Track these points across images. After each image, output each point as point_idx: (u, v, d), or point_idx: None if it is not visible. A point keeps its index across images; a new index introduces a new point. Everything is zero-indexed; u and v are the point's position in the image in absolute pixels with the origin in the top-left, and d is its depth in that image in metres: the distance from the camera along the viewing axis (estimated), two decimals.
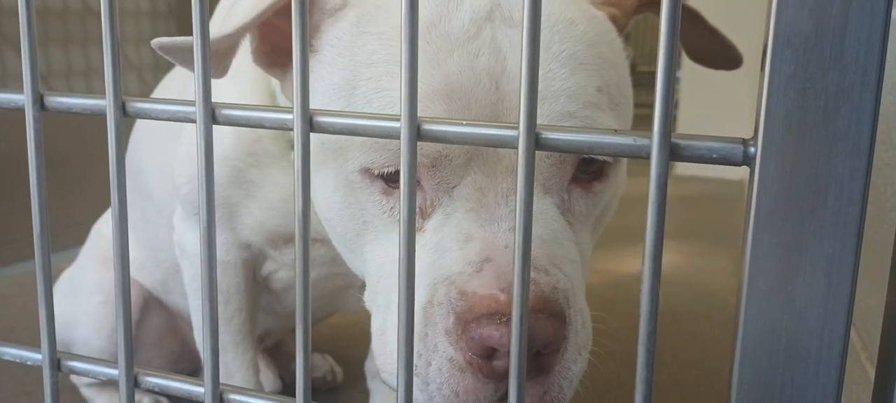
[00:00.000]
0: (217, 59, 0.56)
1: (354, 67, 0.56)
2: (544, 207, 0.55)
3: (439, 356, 0.50)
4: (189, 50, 0.51)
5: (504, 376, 0.48)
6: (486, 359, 0.48)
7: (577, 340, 0.51)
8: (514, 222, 0.51)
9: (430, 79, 0.52)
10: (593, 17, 0.60)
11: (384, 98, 0.54)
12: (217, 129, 0.41)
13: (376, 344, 0.58)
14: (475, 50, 0.53)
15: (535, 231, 0.52)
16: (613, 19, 0.62)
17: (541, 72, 0.34)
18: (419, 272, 0.53)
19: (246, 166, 0.73)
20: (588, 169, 0.57)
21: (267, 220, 0.75)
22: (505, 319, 0.47)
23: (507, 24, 0.55)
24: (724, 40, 0.67)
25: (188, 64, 0.53)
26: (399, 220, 0.55)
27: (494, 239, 0.51)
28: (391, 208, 0.56)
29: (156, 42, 0.53)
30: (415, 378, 0.52)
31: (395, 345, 0.54)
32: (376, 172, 0.55)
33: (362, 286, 0.62)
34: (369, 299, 0.60)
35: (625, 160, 0.62)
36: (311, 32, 0.59)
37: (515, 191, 0.52)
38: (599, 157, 0.56)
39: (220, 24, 0.70)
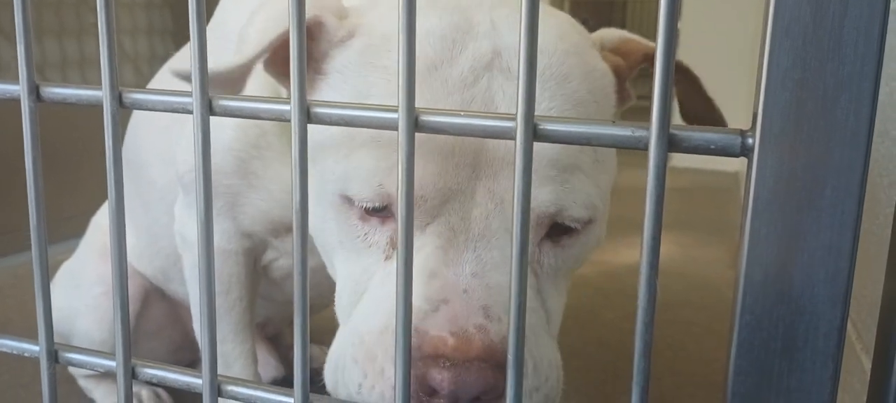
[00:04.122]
0: (231, 83, 0.57)
1: (355, 97, 0.58)
2: (509, 256, 0.56)
3: (384, 382, 0.51)
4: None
5: None
6: (428, 396, 0.49)
7: (528, 387, 0.53)
8: (477, 268, 0.53)
9: None
10: (589, 70, 0.60)
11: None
12: (221, 119, 0.41)
13: (329, 354, 0.59)
14: (469, 97, 0.55)
15: (494, 278, 0.53)
16: (617, 69, 0.63)
17: None
18: (382, 297, 0.55)
19: (250, 158, 0.73)
20: (559, 228, 0.58)
21: (269, 210, 0.76)
22: (448, 364, 0.48)
23: (504, 76, 0.56)
24: (715, 111, 0.67)
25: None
26: (372, 247, 0.57)
27: (456, 281, 0.52)
28: (365, 234, 0.57)
29: (173, 71, 0.54)
30: (355, 389, 0.53)
31: (343, 361, 0.55)
32: (357, 203, 0.56)
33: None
34: (336, 308, 0.62)
35: (602, 220, 0.62)
36: (321, 58, 0.60)
37: (484, 238, 0.54)
38: (572, 224, 0.57)
39: (217, 39, 0.70)
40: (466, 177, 0.54)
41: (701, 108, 0.69)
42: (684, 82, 0.66)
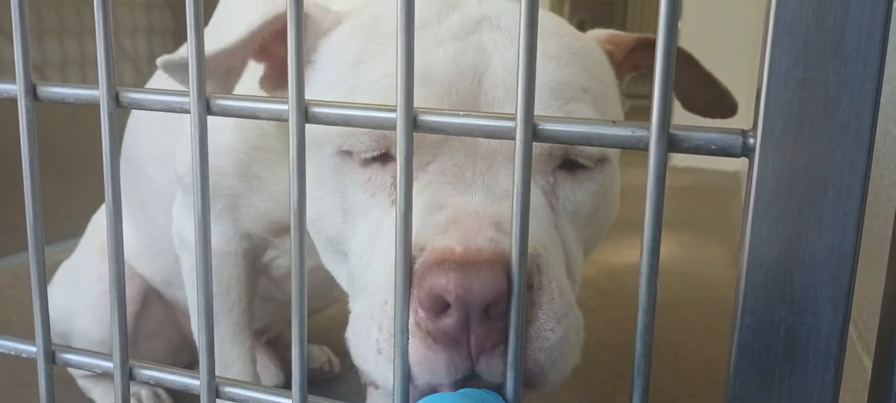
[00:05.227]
0: (218, 77, 0.57)
1: (344, 66, 0.58)
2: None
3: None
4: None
5: (456, 344, 0.45)
6: (436, 317, 0.45)
7: (552, 307, 0.48)
8: (486, 195, 0.51)
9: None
10: (581, 38, 0.61)
11: (368, 91, 0.56)
12: (222, 120, 0.41)
13: (349, 337, 0.56)
14: (461, 47, 0.54)
15: (506, 203, 0.51)
16: (609, 54, 0.64)
17: None
18: (390, 246, 0.51)
19: (251, 160, 0.73)
20: (573, 164, 0.57)
21: (270, 211, 0.76)
22: (454, 266, 0.44)
23: (494, 30, 0.56)
24: (719, 86, 0.67)
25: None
26: (375, 194, 0.55)
27: (465, 206, 0.50)
28: (368, 179, 0.56)
29: (160, 61, 0.54)
30: (375, 353, 0.50)
31: (360, 323, 0.52)
32: (355, 155, 0.56)
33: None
34: (351, 301, 0.60)
35: (615, 166, 0.62)
36: (308, 52, 0.61)
37: (491, 171, 0.52)
38: (584, 162, 0.56)
39: (215, 40, 0.70)
40: (468, 110, 0.53)
41: (701, 91, 0.68)
42: (678, 63, 0.65)
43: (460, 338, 0.45)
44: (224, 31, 0.76)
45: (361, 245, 0.57)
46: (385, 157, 0.56)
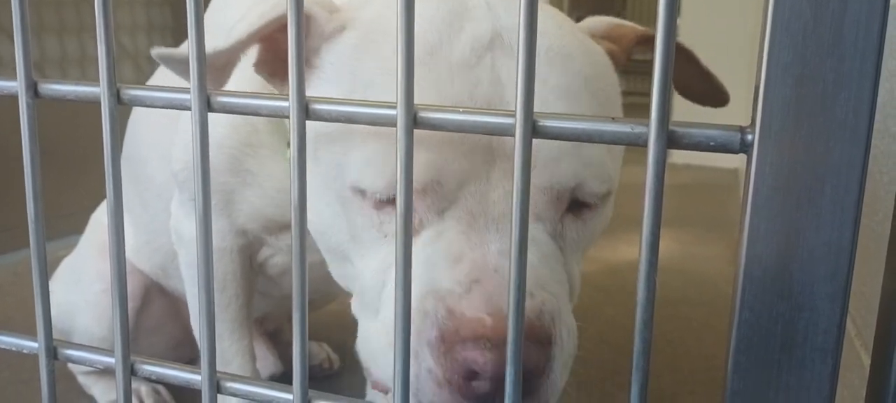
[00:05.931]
0: (215, 71, 0.57)
1: (354, 88, 0.57)
2: (535, 233, 0.55)
3: (419, 364, 0.50)
4: (187, 61, 0.52)
5: (483, 398, 0.48)
6: (466, 380, 0.48)
7: (562, 357, 0.52)
8: (503, 247, 0.52)
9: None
10: (590, 51, 0.61)
11: None
12: (215, 116, 0.41)
13: (362, 351, 0.58)
14: (475, 79, 0.54)
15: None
16: (611, 54, 0.64)
17: (535, 103, 0.35)
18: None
19: (243, 155, 0.73)
20: (578, 202, 0.58)
21: (264, 208, 0.76)
22: (489, 344, 0.47)
23: (507, 55, 0.55)
24: (715, 81, 0.68)
25: (186, 74, 0.54)
26: (388, 236, 0.56)
27: (484, 261, 0.52)
28: (381, 223, 0.57)
29: (155, 52, 0.54)
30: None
31: (378, 347, 0.55)
32: (370, 195, 0.55)
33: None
34: (356, 307, 0.61)
35: (615, 190, 0.63)
36: (311, 53, 0.60)
37: (506, 218, 0.53)
38: (592, 200, 0.57)
39: (209, 35, 0.70)
40: (481, 160, 0.53)
41: (698, 83, 0.68)
42: (678, 58, 0.65)
43: (487, 398, 0.49)
44: (218, 24, 0.76)
45: (372, 273, 0.58)
46: None
